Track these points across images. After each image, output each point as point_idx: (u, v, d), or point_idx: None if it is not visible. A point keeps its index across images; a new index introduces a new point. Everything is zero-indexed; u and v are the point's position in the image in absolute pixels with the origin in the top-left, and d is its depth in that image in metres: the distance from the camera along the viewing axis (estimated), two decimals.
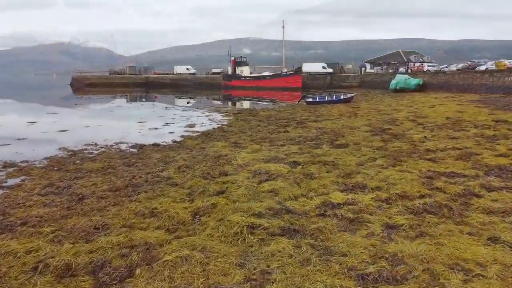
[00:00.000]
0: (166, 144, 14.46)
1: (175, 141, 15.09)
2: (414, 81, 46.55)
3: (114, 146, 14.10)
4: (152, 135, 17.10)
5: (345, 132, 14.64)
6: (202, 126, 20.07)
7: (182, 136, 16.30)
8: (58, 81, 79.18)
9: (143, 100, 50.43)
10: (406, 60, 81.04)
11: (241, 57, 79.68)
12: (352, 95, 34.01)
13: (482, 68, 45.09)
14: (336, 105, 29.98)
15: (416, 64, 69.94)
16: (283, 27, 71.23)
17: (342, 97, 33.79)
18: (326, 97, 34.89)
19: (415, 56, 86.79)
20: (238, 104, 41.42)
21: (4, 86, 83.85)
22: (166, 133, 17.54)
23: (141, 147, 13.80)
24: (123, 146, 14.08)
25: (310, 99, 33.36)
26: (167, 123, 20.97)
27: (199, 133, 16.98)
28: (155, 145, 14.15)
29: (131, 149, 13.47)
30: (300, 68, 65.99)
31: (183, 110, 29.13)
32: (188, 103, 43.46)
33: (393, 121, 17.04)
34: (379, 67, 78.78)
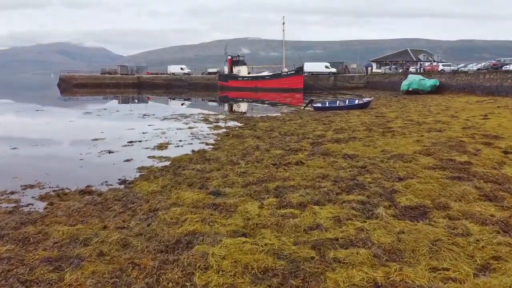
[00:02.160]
0: (105, 189, 8.76)
1: (123, 182, 9.39)
2: (429, 82, 41.43)
3: (13, 196, 8.36)
4: (96, 167, 11.40)
5: (398, 169, 8.94)
6: (177, 146, 14.38)
7: (139, 169, 10.60)
8: (55, 81, 75.47)
9: (136, 101, 45.56)
10: (415, 59, 75.43)
11: (238, 56, 74.19)
12: (370, 99, 28.35)
13: (511, 67, 39.72)
14: (351, 111, 24.44)
15: (426, 63, 64.21)
16: (283, 23, 65.71)
17: (357, 102, 28.16)
18: (338, 102, 29.28)
19: (424, 55, 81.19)
20: (234, 107, 36.08)
21: None
22: (119, 162, 11.84)
23: (56, 197, 8.13)
24: (28, 196, 8.35)
25: (319, 105, 27.74)
26: (131, 142, 15.19)
27: (168, 163, 11.30)
28: (83, 192, 8.44)
29: (35, 203, 7.78)
30: (301, 67, 60.51)
31: (163, 119, 23.32)
32: (182, 104, 39.57)
33: (459, 145, 11.34)
34: (387, 67, 73.03)
